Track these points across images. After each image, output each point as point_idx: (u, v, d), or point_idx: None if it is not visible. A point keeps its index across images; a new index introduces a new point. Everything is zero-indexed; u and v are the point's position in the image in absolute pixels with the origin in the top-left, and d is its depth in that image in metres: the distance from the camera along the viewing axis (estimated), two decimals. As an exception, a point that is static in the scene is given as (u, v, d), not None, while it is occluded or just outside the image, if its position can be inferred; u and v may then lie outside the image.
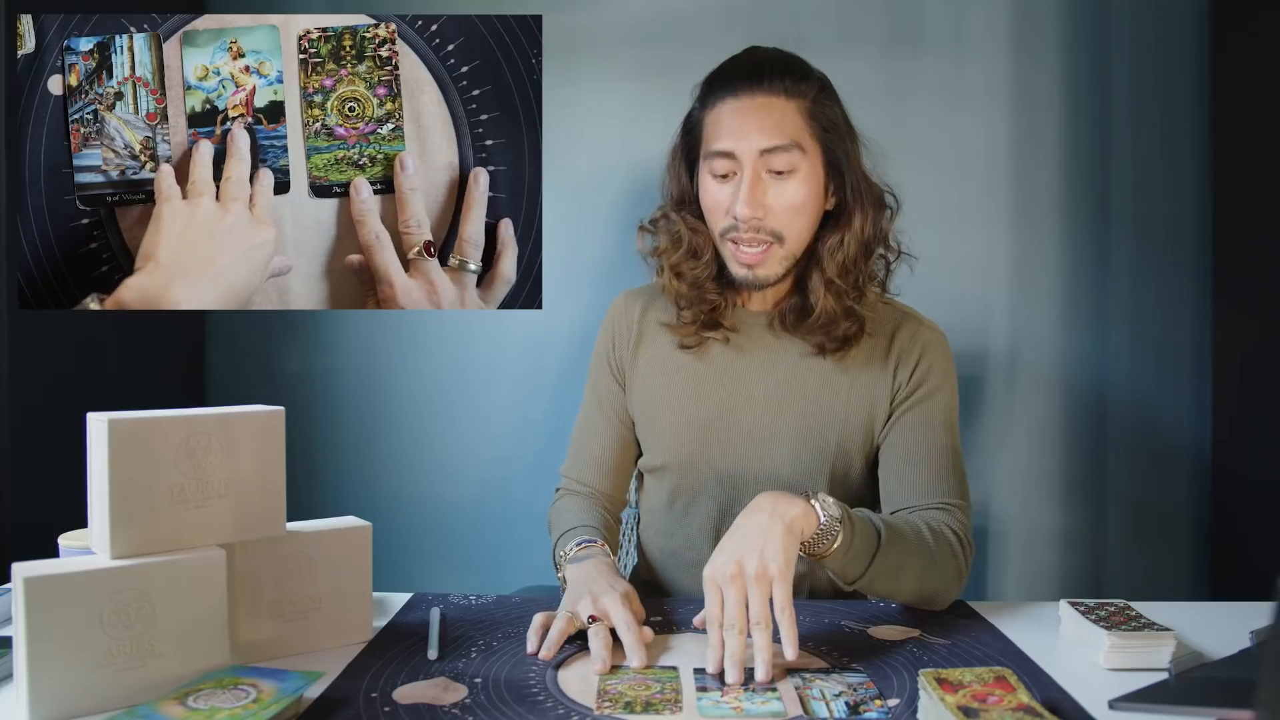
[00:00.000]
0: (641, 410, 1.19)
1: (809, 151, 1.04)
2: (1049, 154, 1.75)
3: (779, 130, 1.03)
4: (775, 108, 1.04)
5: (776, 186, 1.04)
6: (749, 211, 1.03)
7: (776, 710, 0.75)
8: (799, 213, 1.05)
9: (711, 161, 1.06)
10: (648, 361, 1.19)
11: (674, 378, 1.16)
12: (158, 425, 0.79)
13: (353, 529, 0.93)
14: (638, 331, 1.20)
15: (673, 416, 1.15)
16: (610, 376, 1.22)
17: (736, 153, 1.04)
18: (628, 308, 1.23)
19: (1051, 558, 1.79)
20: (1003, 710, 0.69)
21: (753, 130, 1.03)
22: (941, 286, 1.73)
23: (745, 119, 1.04)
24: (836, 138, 1.06)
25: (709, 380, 1.14)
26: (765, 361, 1.13)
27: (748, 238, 1.05)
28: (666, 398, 1.16)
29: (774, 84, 1.04)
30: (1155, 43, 1.73)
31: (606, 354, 1.23)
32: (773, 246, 1.06)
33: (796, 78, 1.05)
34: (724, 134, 1.04)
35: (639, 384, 1.19)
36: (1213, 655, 0.88)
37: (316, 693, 0.79)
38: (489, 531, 1.85)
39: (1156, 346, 1.75)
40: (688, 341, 1.15)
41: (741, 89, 1.04)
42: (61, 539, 0.92)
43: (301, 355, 1.86)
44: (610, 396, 1.22)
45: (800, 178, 1.04)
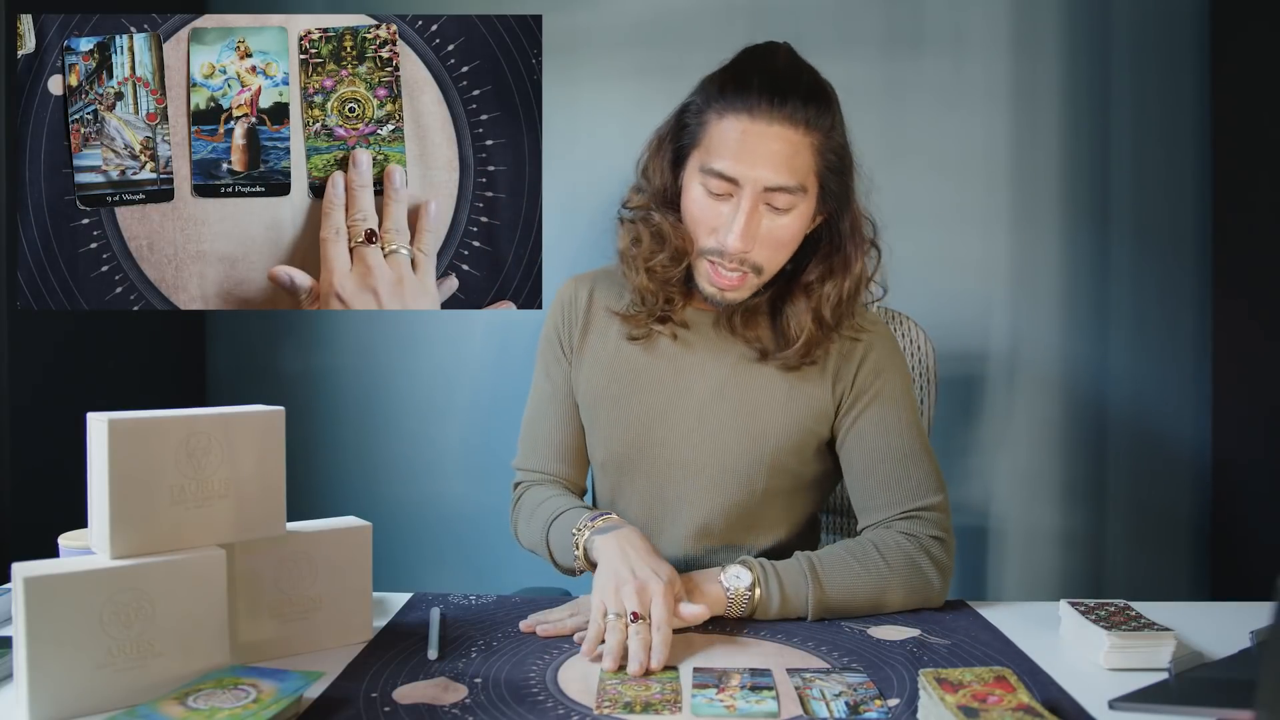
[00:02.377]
0: (584, 403, 1.17)
1: (810, 190, 1.01)
2: (1049, 154, 1.75)
3: (789, 170, 0.98)
4: (790, 142, 0.97)
5: (770, 220, 1.01)
6: (740, 246, 0.99)
7: (770, 710, 0.75)
8: (785, 247, 1.04)
9: (709, 178, 1.00)
10: (593, 353, 1.16)
11: (616, 371, 1.14)
12: (158, 425, 0.79)
13: (353, 529, 0.93)
14: (584, 320, 1.18)
15: (611, 412, 1.13)
16: (564, 360, 1.19)
17: (740, 181, 0.98)
18: (576, 292, 1.20)
19: (1051, 558, 1.79)
20: (1003, 710, 0.69)
21: (762, 163, 0.97)
22: (941, 286, 1.73)
23: (756, 147, 0.97)
24: (840, 177, 1.03)
25: (649, 374, 1.12)
26: (708, 359, 1.11)
27: (729, 265, 1.02)
28: (606, 396, 1.14)
29: (795, 113, 0.97)
30: (1155, 43, 1.73)
31: (557, 337, 1.20)
32: (749, 276, 1.04)
33: (819, 108, 0.98)
34: (730, 156, 0.98)
35: (583, 376, 1.17)
36: (1213, 655, 0.88)
37: (316, 693, 0.79)
38: (489, 531, 1.85)
39: (1156, 346, 1.75)
40: (636, 333, 1.13)
41: (759, 111, 0.97)
42: (61, 539, 0.92)
43: (301, 355, 1.86)
44: (564, 379, 1.19)
45: (795, 215, 1.01)
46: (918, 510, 1.05)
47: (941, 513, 1.05)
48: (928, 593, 1.02)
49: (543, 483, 1.19)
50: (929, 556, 1.02)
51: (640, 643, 0.84)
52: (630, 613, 0.86)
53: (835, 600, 0.99)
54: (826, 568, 1.00)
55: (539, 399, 1.21)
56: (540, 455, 1.20)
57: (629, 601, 0.87)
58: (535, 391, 1.22)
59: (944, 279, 1.72)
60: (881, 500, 1.07)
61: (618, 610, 0.87)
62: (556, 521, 1.08)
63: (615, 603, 0.88)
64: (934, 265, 1.72)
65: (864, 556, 1.01)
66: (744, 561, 1.00)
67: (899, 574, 1.00)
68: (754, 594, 0.97)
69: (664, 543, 1.13)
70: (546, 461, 1.19)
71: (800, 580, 0.98)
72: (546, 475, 1.19)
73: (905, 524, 1.04)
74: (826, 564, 1.00)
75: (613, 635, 0.85)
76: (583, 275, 1.23)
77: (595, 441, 1.17)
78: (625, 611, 0.87)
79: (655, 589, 0.88)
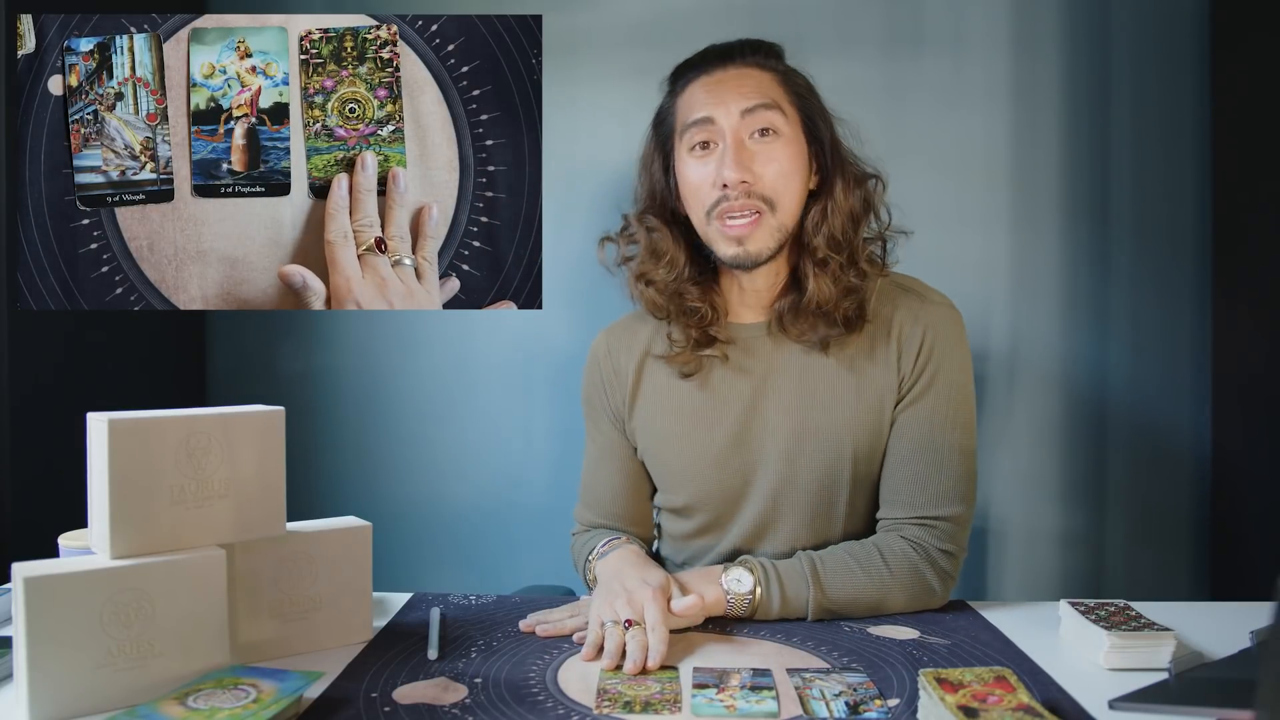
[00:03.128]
0: (652, 453, 1.13)
1: (788, 115, 1.04)
2: (1049, 154, 1.75)
3: (757, 91, 1.02)
4: (750, 76, 1.04)
5: (762, 150, 1.01)
6: (736, 174, 0.99)
7: (770, 710, 0.75)
8: (787, 178, 1.02)
9: (690, 134, 1.03)
10: (648, 402, 1.13)
11: (679, 414, 1.10)
12: (158, 425, 0.79)
13: (353, 529, 0.93)
14: (634, 372, 1.14)
15: (686, 456, 1.10)
16: (607, 422, 1.17)
17: (715, 118, 1.02)
18: (611, 348, 1.17)
19: (1051, 558, 1.78)
20: (1003, 710, 0.69)
21: (730, 95, 1.02)
22: (941, 286, 1.72)
23: (721, 87, 1.03)
24: (813, 103, 1.06)
25: (716, 409, 1.09)
26: (769, 374, 1.08)
27: (738, 206, 1.01)
28: (674, 437, 1.10)
29: (745, 59, 1.05)
30: (1155, 43, 1.72)
31: (598, 400, 1.18)
32: (763, 215, 1.01)
33: (766, 52, 1.06)
34: (699, 105, 1.04)
35: (643, 428, 1.13)
36: (1213, 655, 0.88)
37: (316, 693, 0.79)
38: (489, 531, 1.85)
39: (1156, 346, 1.75)
40: (687, 369, 1.09)
41: (714, 67, 1.05)
42: (61, 539, 0.92)
43: (301, 355, 1.86)
44: (610, 442, 1.17)
45: (784, 141, 1.02)
46: (934, 519, 1.02)
47: (957, 525, 1.02)
48: (929, 599, 1.01)
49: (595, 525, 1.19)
50: (934, 567, 1.01)
51: (638, 645, 0.84)
52: (625, 620, 0.87)
53: (835, 603, 0.98)
54: (828, 570, 0.99)
55: (591, 459, 1.21)
56: (593, 510, 1.19)
57: (622, 611, 0.89)
58: (587, 450, 1.22)
59: (944, 279, 1.70)
60: (903, 498, 1.04)
61: (613, 619, 0.88)
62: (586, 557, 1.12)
63: (610, 614, 0.89)
64: (934, 265, 1.72)
65: (866, 560, 1.00)
66: (744, 563, 1.00)
67: (901, 580, 1.00)
68: (754, 596, 0.97)
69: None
70: (597, 516, 1.18)
71: (801, 583, 0.98)
72: (602, 521, 1.18)
73: (917, 530, 1.02)
74: (828, 566, 0.99)
75: (611, 639, 0.86)
76: (613, 327, 1.20)
77: (670, 486, 1.13)
78: (620, 620, 0.88)
79: (644, 595, 0.89)
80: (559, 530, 1.30)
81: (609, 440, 1.18)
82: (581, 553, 1.15)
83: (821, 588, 0.98)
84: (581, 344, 1.31)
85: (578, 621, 0.95)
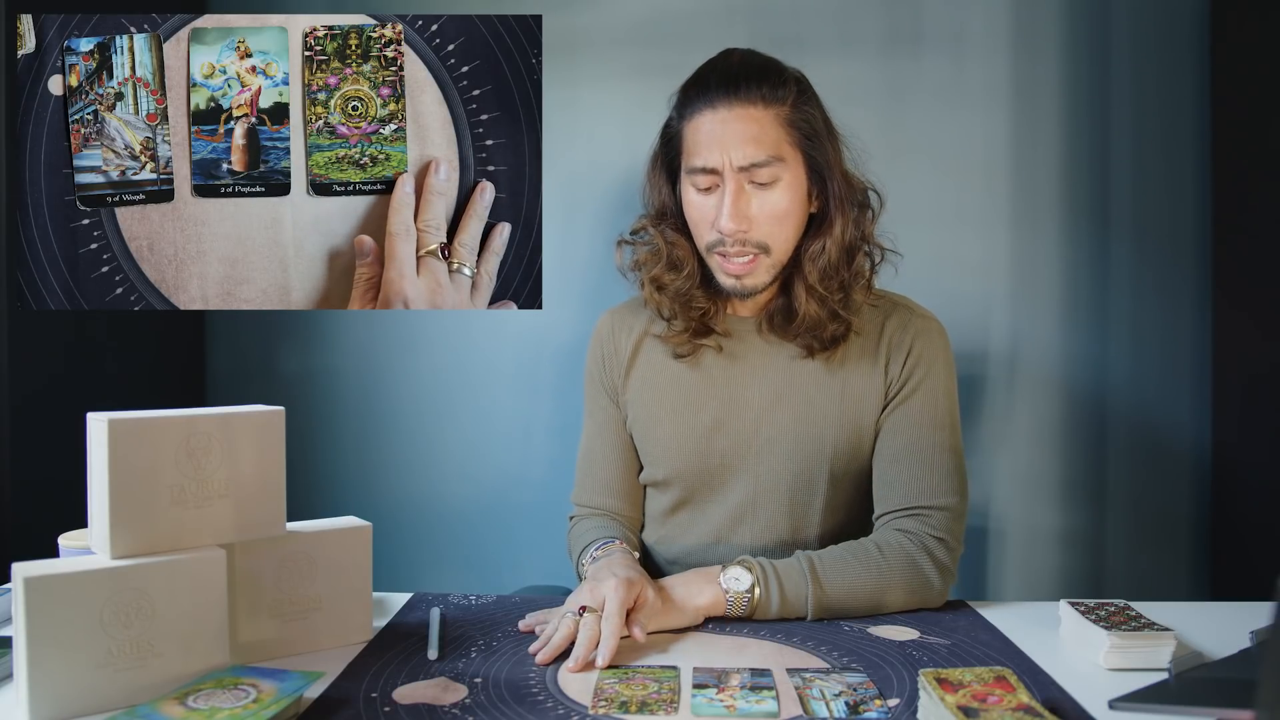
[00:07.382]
0: (639, 426, 1.18)
1: (790, 160, 1.04)
2: (1049, 154, 1.75)
3: (758, 144, 1.02)
4: (754, 120, 1.03)
5: (760, 197, 1.04)
6: (733, 225, 1.03)
7: (770, 710, 0.75)
8: (783, 222, 1.05)
9: (694, 176, 1.06)
10: (641, 377, 1.18)
11: (668, 391, 1.16)
12: (158, 425, 0.79)
13: (353, 529, 0.93)
14: (631, 349, 1.20)
15: (670, 429, 1.15)
16: (606, 398, 1.21)
17: (717, 167, 1.04)
18: (614, 327, 1.23)
19: (1051, 558, 1.78)
20: (1003, 710, 0.69)
21: (733, 144, 1.02)
22: (941, 286, 1.73)
23: (724, 133, 1.03)
24: (817, 143, 1.06)
25: (704, 390, 1.14)
26: (758, 367, 1.13)
27: (734, 251, 1.06)
28: (662, 411, 1.16)
29: (750, 92, 1.03)
30: (1155, 43, 1.72)
31: (598, 376, 1.22)
32: (759, 257, 1.06)
33: (773, 84, 1.04)
34: (703, 149, 1.04)
35: (634, 401, 1.18)
36: (1213, 655, 0.88)
37: (316, 693, 0.79)
38: (489, 531, 1.85)
39: (1156, 347, 1.75)
40: (681, 350, 1.15)
41: (719, 100, 1.03)
42: (61, 539, 0.92)
43: (301, 355, 1.86)
44: (609, 418, 1.21)
45: (783, 186, 1.04)
46: (926, 508, 1.05)
47: (950, 515, 1.05)
48: (927, 593, 1.02)
49: (591, 516, 1.20)
50: (929, 556, 1.02)
51: (588, 634, 0.85)
52: (579, 606, 0.88)
53: (835, 600, 0.99)
54: (826, 567, 1.00)
55: (588, 435, 1.23)
56: (590, 491, 1.21)
57: (584, 599, 0.90)
58: (585, 429, 1.24)
59: (943, 279, 1.72)
60: (897, 492, 1.07)
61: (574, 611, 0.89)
62: (579, 556, 1.13)
63: (573, 605, 0.91)
64: (933, 265, 1.72)
65: (864, 555, 1.01)
66: (743, 562, 1.00)
67: (898, 572, 1.00)
68: (753, 595, 0.97)
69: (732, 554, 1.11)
70: (595, 496, 1.21)
71: (800, 581, 0.98)
72: (597, 510, 1.20)
73: (909, 521, 1.05)
74: (826, 563, 1.00)
75: (561, 630, 0.87)
76: (618, 308, 1.25)
77: (654, 460, 1.17)
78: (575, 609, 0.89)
79: (608, 585, 0.90)
80: (559, 530, 1.30)
81: (607, 416, 1.21)
82: (576, 545, 1.16)
83: (820, 583, 0.98)
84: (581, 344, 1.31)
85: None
